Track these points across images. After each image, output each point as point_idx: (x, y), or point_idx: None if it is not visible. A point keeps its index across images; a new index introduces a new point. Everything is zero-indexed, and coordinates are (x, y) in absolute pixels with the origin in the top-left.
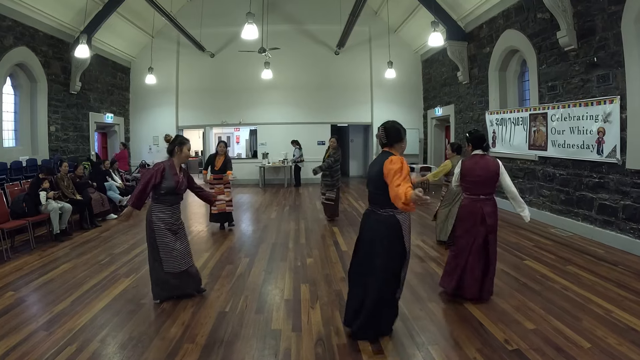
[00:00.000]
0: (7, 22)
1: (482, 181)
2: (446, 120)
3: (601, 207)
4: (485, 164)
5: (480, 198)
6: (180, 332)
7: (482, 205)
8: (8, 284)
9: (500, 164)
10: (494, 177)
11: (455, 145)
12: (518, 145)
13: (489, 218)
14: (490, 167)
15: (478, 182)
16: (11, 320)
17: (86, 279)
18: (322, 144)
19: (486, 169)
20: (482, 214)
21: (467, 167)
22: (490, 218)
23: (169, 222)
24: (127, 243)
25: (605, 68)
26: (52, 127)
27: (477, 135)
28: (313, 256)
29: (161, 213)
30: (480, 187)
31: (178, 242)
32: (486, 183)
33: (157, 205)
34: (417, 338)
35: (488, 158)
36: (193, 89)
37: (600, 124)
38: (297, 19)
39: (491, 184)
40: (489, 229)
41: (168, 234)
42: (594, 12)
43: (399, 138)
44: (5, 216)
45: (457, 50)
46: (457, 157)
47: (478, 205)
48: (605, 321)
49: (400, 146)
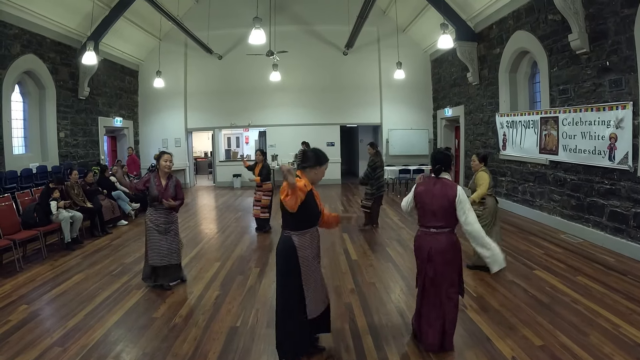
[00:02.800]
0: (14, 30)
1: (432, 211)
2: (456, 120)
3: (612, 214)
4: (439, 190)
5: (430, 231)
6: (192, 349)
7: (430, 240)
8: (21, 297)
9: (459, 192)
10: (448, 207)
11: (481, 155)
12: (529, 149)
13: (438, 256)
14: (444, 194)
15: (427, 211)
16: (26, 336)
17: (98, 291)
18: (331, 145)
19: (438, 197)
20: (429, 252)
21: (418, 192)
22: (440, 257)
23: (156, 223)
24: (139, 252)
25: (618, 73)
26: (61, 133)
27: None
28: (323, 265)
29: (151, 215)
30: (430, 218)
31: (164, 241)
32: (437, 214)
33: (149, 209)
34: (425, 354)
35: (446, 183)
36: (201, 91)
37: (612, 129)
38: (305, 20)
39: (444, 216)
40: (437, 270)
41: (155, 233)
42: (606, 14)
43: (311, 165)
44: (16, 226)
45: (466, 50)
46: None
47: (427, 240)
48: (613, 337)
49: (313, 172)
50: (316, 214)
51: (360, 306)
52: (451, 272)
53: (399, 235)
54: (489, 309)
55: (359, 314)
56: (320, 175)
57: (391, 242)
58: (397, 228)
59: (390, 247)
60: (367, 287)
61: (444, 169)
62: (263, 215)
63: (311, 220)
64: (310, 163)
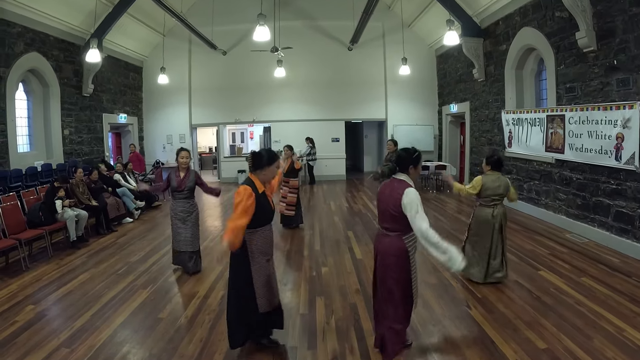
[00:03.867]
0: (17, 28)
1: (380, 212)
2: (461, 117)
3: (618, 215)
4: (388, 192)
5: (381, 232)
6: (198, 350)
7: (378, 241)
8: (28, 297)
9: (405, 193)
10: (394, 210)
11: (492, 158)
12: (535, 147)
13: (380, 259)
14: (391, 196)
15: (379, 211)
16: (33, 337)
17: (104, 291)
18: (336, 140)
19: (386, 198)
20: (376, 252)
21: (378, 191)
22: (381, 260)
23: (176, 211)
24: (144, 250)
25: (626, 72)
26: (65, 130)
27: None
28: (328, 265)
29: (172, 205)
30: (380, 218)
31: (182, 229)
32: (384, 215)
33: (171, 200)
34: (430, 357)
35: (396, 185)
36: (206, 87)
37: (619, 129)
38: (310, 15)
39: (391, 218)
40: (378, 273)
41: (176, 222)
42: (614, 13)
43: (260, 165)
44: (22, 226)
45: (472, 46)
46: (495, 175)
47: (377, 240)
48: (617, 341)
49: (262, 173)
50: (268, 213)
51: (365, 307)
52: (389, 278)
53: None
54: (494, 310)
55: (364, 315)
56: (270, 174)
57: None
58: None
59: None
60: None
61: (398, 169)
62: (287, 213)
63: (263, 220)
64: (259, 166)
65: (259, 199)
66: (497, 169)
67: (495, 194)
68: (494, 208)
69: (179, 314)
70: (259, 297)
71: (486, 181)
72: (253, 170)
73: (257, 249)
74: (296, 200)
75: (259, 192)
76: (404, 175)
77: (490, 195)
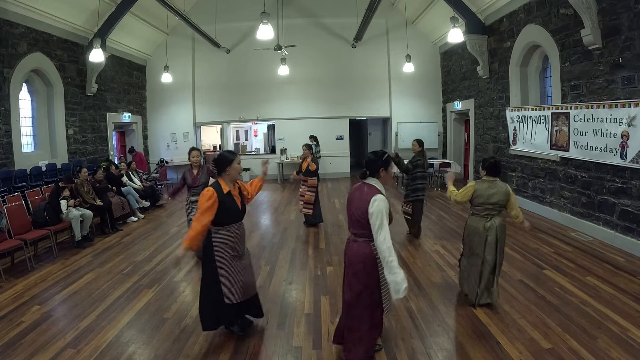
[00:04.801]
0: (20, 29)
1: (349, 216)
2: (466, 114)
3: (623, 213)
4: (357, 197)
5: (351, 237)
6: (204, 350)
7: (348, 247)
8: (34, 297)
9: (372, 201)
10: (361, 216)
11: (487, 162)
12: (539, 145)
13: (350, 265)
14: (359, 201)
15: (348, 216)
16: (39, 337)
17: (110, 291)
18: (340, 138)
19: (355, 203)
20: (345, 257)
21: (348, 196)
22: (353, 266)
23: (192, 205)
24: (149, 249)
25: (631, 69)
26: (70, 130)
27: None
28: (333, 264)
29: (189, 199)
30: (349, 222)
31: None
32: (351, 219)
33: (188, 195)
34: (434, 357)
35: (369, 189)
36: (209, 86)
37: (624, 127)
38: (313, 12)
39: (359, 224)
40: (348, 278)
41: (192, 214)
42: (619, 10)
43: (222, 168)
44: (27, 226)
45: (476, 43)
46: (491, 181)
47: (347, 245)
48: (621, 341)
49: (226, 174)
50: (235, 213)
51: None
52: (357, 284)
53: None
54: (499, 310)
55: None
56: (234, 172)
57: (401, 241)
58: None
59: (401, 245)
60: None
61: (368, 173)
62: (305, 211)
63: (228, 218)
64: (221, 169)
65: (222, 199)
66: (494, 174)
67: (488, 202)
68: (486, 219)
69: (184, 314)
70: (224, 289)
71: (479, 188)
72: (218, 174)
73: (222, 245)
74: (314, 198)
75: (223, 192)
76: (375, 180)
77: (483, 203)
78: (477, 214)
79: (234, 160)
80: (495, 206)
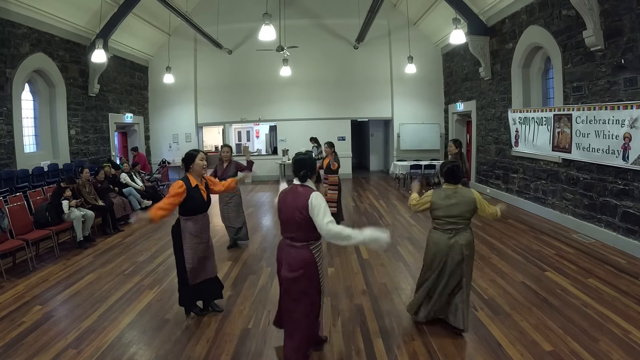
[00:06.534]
0: (23, 29)
1: (284, 221)
2: (468, 115)
3: (625, 215)
4: (291, 199)
5: (285, 242)
6: (205, 351)
7: (285, 252)
8: (35, 297)
9: (312, 197)
10: (300, 219)
11: (445, 168)
12: (541, 146)
13: (290, 271)
14: (295, 203)
15: (282, 221)
16: (40, 338)
17: (111, 291)
18: (342, 139)
19: (289, 206)
20: (280, 264)
21: (279, 198)
22: (293, 272)
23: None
24: (150, 250)
25: (633, 71)
26: (72, 130)
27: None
28: (334, 265)
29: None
30: (283, 227)
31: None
32: (287, 223)
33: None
34: (436, 358)
35: (304, 190)
36: (211, 86)
37: (627, 129)
38: (315, 13)
39: (297, 227)
40: (286, 283)
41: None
42: (621, 11)
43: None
44: (29, 226)
45: (478, 45)
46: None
47: (281, 249)
48: (623, 343)
49: (193, 170)
50: (200, 204)
51: (372, 308)
52: (296, 291)
53: (410, 233)
54: (500, 312)
55: (370, 316)
56: (198, 167)
57: (402, 241)
58: (408, 226)
59: (402, 245)
60: (378, 288)
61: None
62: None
63: (194, 208)
64: (187, 165)
65: (190, 191)
66: (454, 180)
67: (449, 215)
68: (450, 234)
69: (186, 315)
70: (188, 271)
71: (436, 199)
72: (186, 170)
73: (189, 232)
74: (337, 197)
75: (191, 185)
76: (310, 182)
77: (443, 217)
78: (439, 228)
79: (197, 156)
80: (460, 219)
